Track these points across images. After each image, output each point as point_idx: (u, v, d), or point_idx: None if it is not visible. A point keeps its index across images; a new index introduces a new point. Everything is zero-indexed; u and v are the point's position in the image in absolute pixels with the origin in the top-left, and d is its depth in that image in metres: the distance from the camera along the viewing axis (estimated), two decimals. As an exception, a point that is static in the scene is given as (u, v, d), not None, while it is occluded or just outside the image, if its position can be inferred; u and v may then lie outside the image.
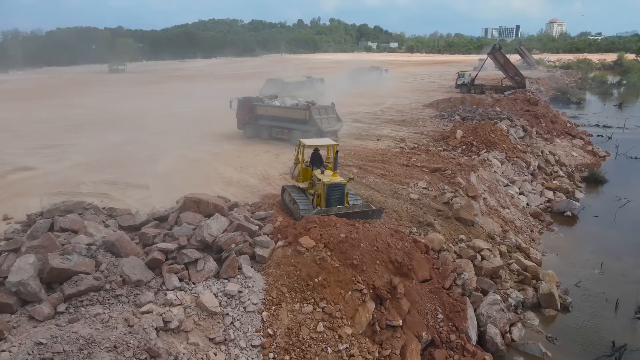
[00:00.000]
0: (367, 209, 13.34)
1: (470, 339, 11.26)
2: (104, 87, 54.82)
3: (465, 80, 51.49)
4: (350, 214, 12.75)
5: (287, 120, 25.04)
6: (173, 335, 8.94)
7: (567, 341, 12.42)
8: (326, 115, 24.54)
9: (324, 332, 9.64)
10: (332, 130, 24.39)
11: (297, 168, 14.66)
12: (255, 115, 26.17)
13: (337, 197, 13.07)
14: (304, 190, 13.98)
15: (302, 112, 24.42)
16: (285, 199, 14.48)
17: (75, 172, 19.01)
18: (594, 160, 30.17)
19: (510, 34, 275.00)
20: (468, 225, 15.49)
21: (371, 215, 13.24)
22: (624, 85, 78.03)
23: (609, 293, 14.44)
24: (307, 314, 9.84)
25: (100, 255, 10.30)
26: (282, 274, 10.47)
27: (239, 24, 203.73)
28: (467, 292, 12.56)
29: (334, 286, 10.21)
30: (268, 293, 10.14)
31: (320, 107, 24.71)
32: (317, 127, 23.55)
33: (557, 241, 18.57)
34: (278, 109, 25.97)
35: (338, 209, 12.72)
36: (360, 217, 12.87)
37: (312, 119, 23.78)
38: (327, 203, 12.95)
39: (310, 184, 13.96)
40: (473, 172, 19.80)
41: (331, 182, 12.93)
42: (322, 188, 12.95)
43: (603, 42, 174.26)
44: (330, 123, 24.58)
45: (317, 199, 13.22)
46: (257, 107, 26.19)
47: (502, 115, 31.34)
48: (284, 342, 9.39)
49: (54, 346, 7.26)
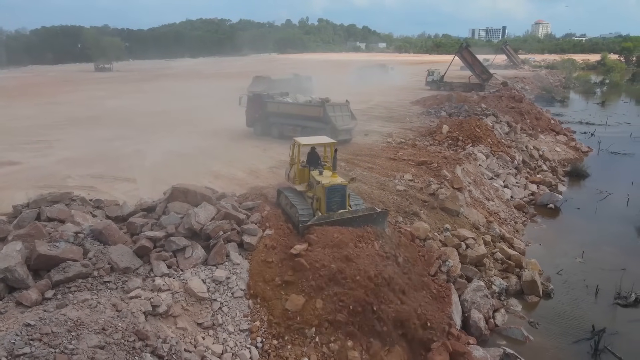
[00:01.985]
0: (371, 212, 12.20)
1: (455, 324, 11.50)
2: (90, 85, 54.32)
3: (435, 78, 52.33)
4: (353, 218, 11.76)
5: (300, 117, 24.06)
6: (161, 320, 9.04)
7: (549, 326, 12.75)
8: (340, 112, 23.73)
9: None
10: (346, 128, 23.65)
11: (292, 169, 13.66)
12: (265, 112, 25.30)
13: (338, 200, 12.07)
14: (302, 193, 12.98)
15: (316, 109, 23.61)
16: (281, 202, 13.54)
17: (62, 166, 18.88)
18: (576, 155, 30.85)
19: (497, 34, 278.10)
20: (453, 215, 15.77)
21: (376, 219, 12.05)
22: (606, 84, 79.63)
23: (590, 280, 14.83)
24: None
25: (87, 243, 10.32)
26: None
27: (227, 24, 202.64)
28: (451, 279, 12.83)
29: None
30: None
31: (335, 104, 23.97)
32: (331, 125, 22.79)
33: (540, 232, 18.97)
34: (290, 105, 25.14)
35: (340, 214, 11.73)
36: (364, 222, 11.83)
37: (327, 116, 23.04)
38: (328, 207, 11.98)
39: (308, 186, 12.95)
40: (458, 165, 20.12)
41: (331, 184, 11.97)
42: (321, 191, 11.94)
43: (587, 43, 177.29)
44: (345, 121, 23.75)
45: (317, 203, 12.19)
46: (268, 103, 25.30)
47: (488, 112, 31.80)
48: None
49: (42, 327, 7.30)
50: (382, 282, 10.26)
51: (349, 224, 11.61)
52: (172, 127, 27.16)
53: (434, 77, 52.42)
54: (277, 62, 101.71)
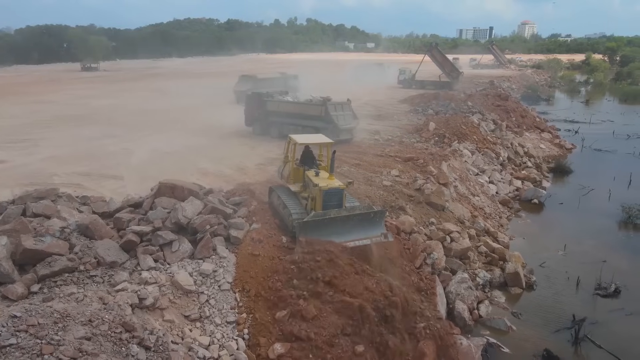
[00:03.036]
0: (368, 210, 11.69)
1: (440, 314, 11.70)
2: (76, 84, 53.81)
3: (406, 76, 53.06)
4: (350, 217, 11.32)
5: (301, 116, 23.59)
6: (148, 313, 9.09)
7: (531, 316, 13.06)
8: (342, 111, 23.35)
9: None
10: (348, 127, 23.38)
11: (286, 167, 13.21)
12: (265, 112, 24.86)
13: (334, 204, 11.56)
14: (296, 194, 12.51)
15: (318, 108, 23.22)
16: (273, 201, 13.14)
17: (48, 164, 18.77)
18: (561, 152, 31.43)
19: (484, 34, 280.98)
20: (438, 209, 16.02)
21: (373, 218, 11.60)
22: (591, 83, 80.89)
23: (571, 272, 15.19)
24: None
25: (74, 238, 10.31)
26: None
27: (215, 24, 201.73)
28: (436, 271, 13.07)
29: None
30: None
31: (337, 103, 23.57)
32: (333, 124, 22.48)
33: (524, 226, 19.35)
34: (291, 104, 24.75)
35: (337, 212, 11.30)
36: (361, 220, 11.46)
37: (328, 115, 22.67)
38: (324, 209, 11.44)
39: (302, 186, 12.50)
40: (444, 162, 20.39)
41: (329, 187, 11.47)
42: (318, 193, 11.46)
43: (572, 44, 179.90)
44: (347, 120, 23.39)
45: (312, 203, 11.72)
46: (267, 102, 24.90)
47: (474, 110, 32.22)
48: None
49: (28, 319, 7.32)
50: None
51: (345, 223, 11.25)
52: (160, 126, 27.09)
53: (406, 76, 53.34)
54: (265, 61, 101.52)
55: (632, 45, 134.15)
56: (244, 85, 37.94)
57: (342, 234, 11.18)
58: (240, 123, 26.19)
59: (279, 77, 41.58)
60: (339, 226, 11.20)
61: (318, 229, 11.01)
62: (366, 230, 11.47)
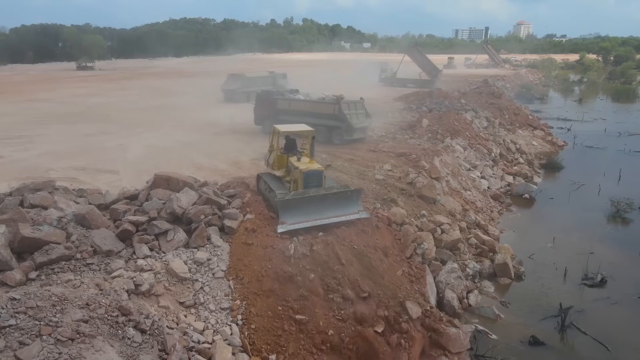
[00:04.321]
0: (345, 189, 12.75)
1: (430, 302, 11.99)
2: (72, 83, 53.79)
3: (388, 74, 53.64)
4: (328, 195, 12.23)
5: (313, 115, 22.81)
6: (144, 299, 9.33)
7: (519, 305, 13.37)
8: (355, 110, 22.91)
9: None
10: (362, 126, 23.06)
11: (272, 155, 14.35)
12: (275, 110, 24.22)
13: (314, 185, 12.58)
14: (280, 178, 13.59)
15: (331, 106, 22.73)
16: (260, 187, 14.12)
17: (44, 159, 18.92)
18: (552, 149, 31.86)
19: (480, 35, 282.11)
20: (430, 202, 16.31)
21: (350, 197, 12.57)
22: (584, 82, 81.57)
23: (559, 264, 15.50)
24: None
25: (70, 227, 10.53)
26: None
27: (211, 23, 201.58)
28: (426, 261, 13.34)
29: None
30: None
31: (350, 102, 23.10)
32: (346, 123, 22.19)
33: (514, 220, 19.68)
34: (303, 103, 24.29)
35: (316, 191, 12.27)
36: (338, 199, 12.32)
37: (342, 113, 22.19)
38: (304, 189, 12.46)
39: (286, 171, 13.59)
40: (437, 157, 20.69)
41: (308, 169, 12.61)
42: (299, 175, 12.53)
43: (567, 44, 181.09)
44: (360, 119, 22.99)
45: (294, 185, 12.77)
46: (278, 101, 24.47)
47: (467, 107, 32.58)
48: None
49: (27, 302, 7.54)
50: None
51: (324, 201, 12.10)
52: (155, 123, 27.26)
53: (387, 74, 53.96)
54: (261, 61, 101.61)
55: (626, 45, 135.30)
56: (232, 84, 37.74)
57: (321, 212, 12.08)
58: (233, 119, 26.36)
59: (267, 76, 41.27)
60: (318, 204, 12.06)
61: (299, 206, 11.88)
62: (343, 208, 12.41)
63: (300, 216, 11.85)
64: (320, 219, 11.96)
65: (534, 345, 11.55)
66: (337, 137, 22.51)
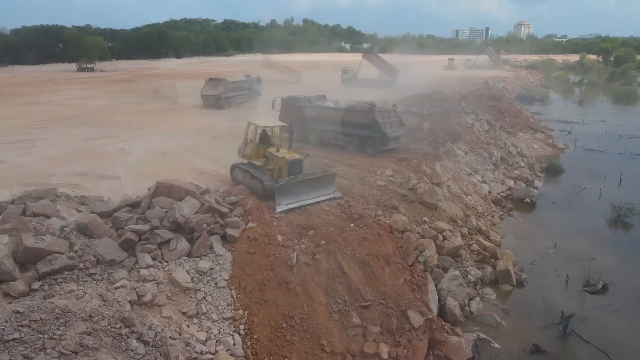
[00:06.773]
0: (326, 174, 15.33)
1: (432, 311, 12.01)
2: (72, 84, 53.79)
3: (349, 76, 54.44)
4: (312, 179, 14.51)
5: (344, 123, 21.81)
6: (147, 309, 9.34)
7: (521, 312, 13.40)
8: (389, 118, 21.64)
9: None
10: (396, 135, 21.69)
11: (247, 147, 16.23)
12: (302, 118, 22.82)
13: (296, 171, 14.69)
14: (261, 167, 15.37)
15: (364, 115, 21.36)
16: (237, 176, 15.83)
17: (45, 164, 18.91)
18: (553, 152, 31.86)
19: (480, 35, 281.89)
20: (431, 209, 16.32)
21: (327, 181, 14.98)
22: (585, 84, 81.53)
23: (561, 270, 15.55)
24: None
25: (73, 237, 10.54)
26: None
27: (211, 24, 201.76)
28: (428, 269, 13.36)
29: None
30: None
31: (383, 110, 21.94)
32: (381, 132, 20.88)
33: (516, 225, 19.70)
34: (332, 111, 22.80)
35: (303, 176, 14.46)
36: (319, 182, 14.64)
37: (376, 123, 20.84)
38: (288, 175, 14.48)
39: (265, 161, 15.52)
40: (438, 162, 20.71)
41: (292, 158, 14.68)
42: (284, 164, 14.54)
43: (567, 44, 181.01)
44: (394, 127, 21.69)
45: (277, 172, 14.72)
46: (305, 108, 23.22)
47: (468, 110, 32.56)
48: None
49: (31, 315, 7.56)
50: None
51: (309, 184, 14.34)
52: (156, 126, 27.25)
53: (348, 75, 54.75)
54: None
55: (626, 45, 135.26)
56: (212, 89, 35.65)
57: (308, 193, 14.36)
58: (231, 123, 26.30)
59: (244, 80, 40.23)
60: (305, 187, 14.30)
61: (291, 190, 14.00)
62: (322, 190, 14.77)
63: (293, 197, 13.98)
64: (306, 199, 14.21)
65: (536, 353, 11.59)
66: (371, 147, 21.23)
